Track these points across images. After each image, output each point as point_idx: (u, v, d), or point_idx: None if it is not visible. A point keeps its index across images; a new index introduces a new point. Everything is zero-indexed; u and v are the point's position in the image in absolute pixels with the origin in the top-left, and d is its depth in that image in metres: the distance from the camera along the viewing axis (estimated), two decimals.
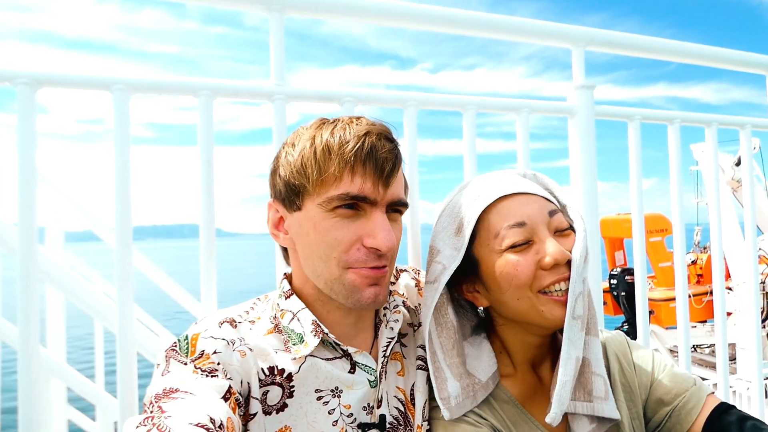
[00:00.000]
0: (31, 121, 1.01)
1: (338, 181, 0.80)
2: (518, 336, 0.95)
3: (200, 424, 0.60)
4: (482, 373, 0.93)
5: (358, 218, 0.81)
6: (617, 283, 9.53)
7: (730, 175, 8.81)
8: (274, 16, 1.15)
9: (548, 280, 0.85)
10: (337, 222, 0.81)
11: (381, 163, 0.80)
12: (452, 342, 0.93)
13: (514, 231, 0.86)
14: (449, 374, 0.90)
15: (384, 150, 0.81)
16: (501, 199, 0.88)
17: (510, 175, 0.95)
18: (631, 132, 1.57)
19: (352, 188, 0.79)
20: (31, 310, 0.99)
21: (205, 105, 1.10)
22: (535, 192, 0.90)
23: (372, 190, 0.80)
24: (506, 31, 1.40)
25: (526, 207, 0.87)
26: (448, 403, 0.88)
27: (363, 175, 0.80)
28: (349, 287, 0.83)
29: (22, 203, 1.00)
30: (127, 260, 1.06)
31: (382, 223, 0.81)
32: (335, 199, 0.80)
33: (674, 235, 1.68)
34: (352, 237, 0.81)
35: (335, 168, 0.79)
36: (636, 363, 0.99)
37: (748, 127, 1.77)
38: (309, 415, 0.81)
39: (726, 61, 1.73)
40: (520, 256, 0.86)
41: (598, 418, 0.90)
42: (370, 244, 0.80)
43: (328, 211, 0.81)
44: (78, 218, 2.40)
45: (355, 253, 0.81)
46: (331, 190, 0.80)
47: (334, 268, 0.82)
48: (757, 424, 0.86)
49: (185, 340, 0.78)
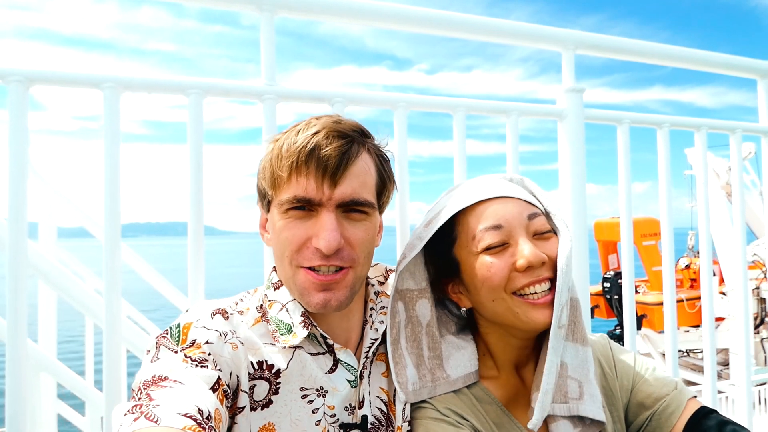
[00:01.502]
0: (22, 119, 1.01)
1: (287, 183, 0.81)
2: (501, 338, 0.96)
3: (188, 415, 0.60)
4: (453, 371, 0.94)
5: (309, 218, 0.82)
6: (611, 286, 9.55)
7: (725, 180, 8.84)
8: (265, 17, 1.16)
9: (522, 282, 0.86)
10: (290, 222, 0.82)
11: (324, 162, 0.80)
12: (416, 336, 0.95)
13: (490, 233, 0.87)
14: (409, 361, 0.93)
15: (329, 148, 0.80)
16: (481, 203, 0.90)
17: (496, 179, 0.96)
18: (620, 136, 1.58)
19: (297, 190, 0.80)
20: (19, 305, 1.00)
21: (195, 104, 1.11)
22: (516, 196, 0.91)
23: (316, 190, 0.80)
24: (497, 34, 1.41)
25: (503, 210, 0.88)
26: (405, 387, 0.90)
27: (306, 174, 0.80)
28: (300, 288, 0.84)
29: (13, 199, 1.01)
30: (115, 257, 1.06)
31: (327, 223, 0.80)
32: (285, 202, 0.81)
33: (663, 239, 1.69)
34: (303, 236, 0.82)
35: (284, 171, 0.81)
36: (618, 367, 1.00)
37: (738, 132, 1.78)
38: (293, 413, 0.82)
39: (717, 66, 1.74)
40: (495, 257, 0.87)
41: (581, 421, 0.91)
42: (314, 245, 0.81)
43: (283, 213, 0.82)
44: (71, 214, 2.40)
45: (304, 251, 0.82)
46: (283, 192, 0.82)
47: (287, 267, 0.84)
48: (737, 428, 0.86)
49: (177, 328, 0.78)
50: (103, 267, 1.06)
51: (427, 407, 0.92)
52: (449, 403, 0.92)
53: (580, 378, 0.91)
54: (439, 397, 0.92)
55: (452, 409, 0.91)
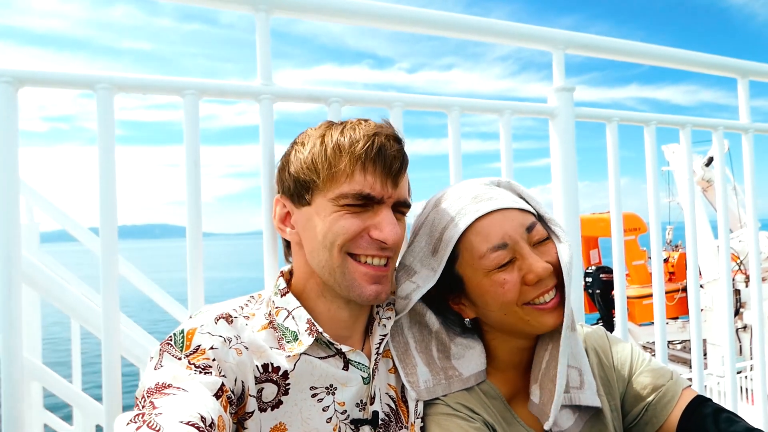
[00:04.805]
0: (13, 121, 0.98)
1: (349, 178, 0.82)
2: (506, 342, 0.97)
3: (191, 423, 0.60)
4: (465, 369, 0.96)
5: (365, 212, 0.84)
6: (592, 281, 9.72)
7: (700, 175, 9.05)
8: (260, 16, 1.14)
9: (532, 295, 0.88)
10: (346, 213, 0.83)
11: (390, 162, 0.83)
12: (425, 338, 0.97)
13: (498, 254, 0.87)
14: (419, 360, 0.94)
15: (393, 150, 0.84)
16: (479, 219, 0.89)
17: (484, 187, 0.95)
18: (609, 133, 1.61)
19: (363, 186, 0.82)
20: (13, 314, 0.97)
21: (191, 104, 1.09)
22: (512, 206, 0.91)
23: (381, 188, 0.83)
24: (488, 34, 1.42)
25: (505, 224, 0.89)
26: (417, 386, 0.92)
27: (373, 173, 0.83)
28: (350, 279, 0.85)
29: (4, 206, 0.98)
30: (111, 262, 1.04)
31: (390, 217, 0.84)
32: (347, 196, 0.82)
33: (651, 234, 1.72)
34: (360, 226, 0.84)
35: (346, 165, 0.82)
36: (615, 358, 1.02)
37: (720, 129, 1.82)
38: (303, 412, 0.82)
39: (702, 65, 1.78)
40: (506, 274, 0.88)
41: (579, 408, 0.94)
42: (376, 236, 0.83)
43: (339, 206, 0.83)
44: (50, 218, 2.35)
45: (359, 240, 0.84)
46: (343, 186, 0.83)
47: (337, 256, 0.84)
48: (732, 416, 0.89)
49: (181, 335, 0.78)
50: (100, 275, 1.03)
51: (438, 403, 0.93)
52: (460, 399, 0.93)
53: (579, 365, 0.95)
54: (450, 394, 0.94)
55: (463, 404, 0.92)
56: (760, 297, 1.89)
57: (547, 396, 0.90)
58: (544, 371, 0.93)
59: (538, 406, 0.92)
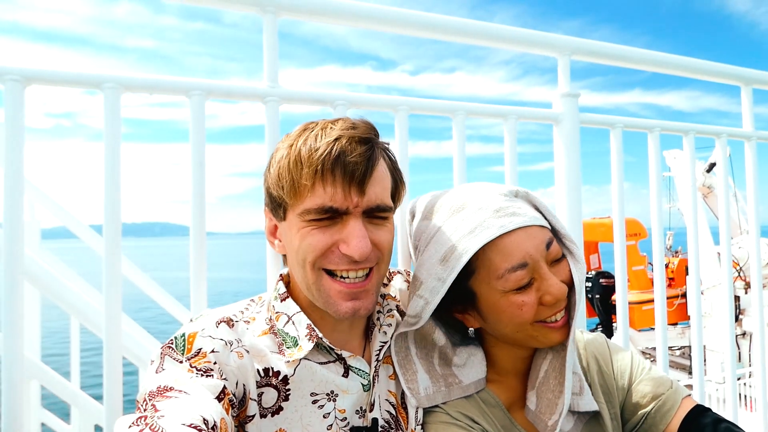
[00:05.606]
0: (20, 119, 0.99)
1: (311, 191, 0.78)
2: (509, 352, 0.97)
3: (193, 425, 0.59)
4: (465, 377, 0.95)
5: (334, 225, 0.81)
6: (592, 285, 9.72)
7: (701, 182, 9.05)
8: (268, 18, 1.14)
9: (547, 314, 0.88)
10: (313, 229, 0.80)
11: (351, 169, 0.78)
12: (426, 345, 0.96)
13: (518, 274, 0.85)
14: (419, 367, 0.93)
15: (354, 154, 0.78)
16: (502, 236, 0.86)
17: (505, 200, 0.91)
18: (613, 139, 1.61)
19: (324, 199, 0.78)
20: (15, 312, 0.97)
21: (197, 105, 1.09)
22: (533, 223, 0.88)
23: (344, 198, 0.78)
24: (494, 39, 1.42)
25: (527, 243, 0.86)
26: (417, 393, 0.91)
27: (333, 183, 0.78)
28: (326, 296, 0.82)
29: (8, 202, 0.98)
30: (115, 261, 1.04)
31: (356, 230, 0.79)
32: (310, 211, 0.79)
33: (653, 239, 1.72)
34: (328, 242, 0.80)
35: (306, 179, 0.78)
36: (615, 366, 1.02)
37: (724, 137, 1.82)
38: (304, 418, 0.82)
39: (707, 73, 1.78)
40: (524, 296, 0.86)
41: (577, 412, 0.94)
42: (344, 251, 0.80)
43: (305, 221, 0.80)
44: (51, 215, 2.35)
45: (330, 256, 0.81)
46: (306, 201, 0.79)
47: (311, 273, 0.82)
48: (731, 426, 0.89)
49: (182, 338, 0.77)
50: (102, 275, 1.03)
51: (438, 411, 0.92)
52: (460, 407, 0.93)
53: (578, 371, 0.95)
54: (450, 402, 0.93)
55: (463, 413, 0.92)
56: (761, 304, 1.89)
57: (545, 404, 0.90)
58: (542, 380, 0.93)
59: (534, 413, 0.92)
